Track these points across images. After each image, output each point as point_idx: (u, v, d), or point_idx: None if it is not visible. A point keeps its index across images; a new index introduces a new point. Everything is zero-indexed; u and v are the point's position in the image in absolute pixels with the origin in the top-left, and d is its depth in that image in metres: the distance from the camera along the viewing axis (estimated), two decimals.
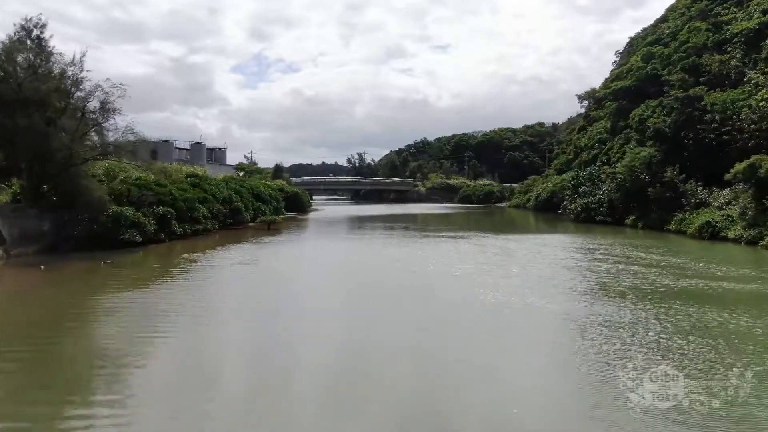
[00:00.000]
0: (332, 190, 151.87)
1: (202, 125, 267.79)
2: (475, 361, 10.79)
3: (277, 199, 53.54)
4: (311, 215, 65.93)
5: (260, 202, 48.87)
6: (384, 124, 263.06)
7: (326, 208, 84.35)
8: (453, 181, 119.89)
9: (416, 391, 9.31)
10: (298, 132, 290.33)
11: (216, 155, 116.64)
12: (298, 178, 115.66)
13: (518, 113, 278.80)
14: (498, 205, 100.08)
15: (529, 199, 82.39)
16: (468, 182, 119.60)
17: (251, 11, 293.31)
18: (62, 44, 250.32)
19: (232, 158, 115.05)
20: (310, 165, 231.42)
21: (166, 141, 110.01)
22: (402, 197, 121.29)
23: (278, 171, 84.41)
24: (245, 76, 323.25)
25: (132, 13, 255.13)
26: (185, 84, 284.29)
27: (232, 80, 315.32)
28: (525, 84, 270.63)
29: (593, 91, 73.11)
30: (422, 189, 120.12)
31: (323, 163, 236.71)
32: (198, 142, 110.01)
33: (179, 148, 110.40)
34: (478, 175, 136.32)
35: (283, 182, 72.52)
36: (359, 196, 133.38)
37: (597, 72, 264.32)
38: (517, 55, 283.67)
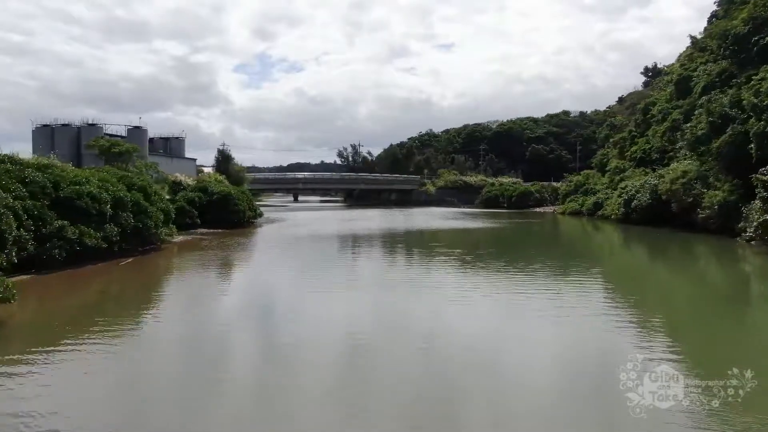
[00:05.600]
0: (322, 191, 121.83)
1: (204, 125, 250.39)
2: None
3: (143, 209, 23.35)
4: (251, 234, 35.91)
5: (68, 220, 19.02)
6: (387, 123, 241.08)
7: (292, 217, 54.19)
8: (471, 179, 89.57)
9: None
10: (300, 132, 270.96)
11: (171, 145, 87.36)
12: (270, 175, 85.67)
13: (522, 113, 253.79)
14: (538, 210, 69.83)
15: (598, 204, 52.28)
16: (489, 180, 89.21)
17: (256, 9, 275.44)
18: (65, 44, 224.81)
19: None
20: (309, 164, 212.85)
21: (93, 124, 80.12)
22: (406, 198, 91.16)
23: (224, 161, 54.40)
24: (248, 76, 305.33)
25: (135, 12, 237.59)
26: (188, 84, 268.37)
27: (234, 80, 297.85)
28: (529, 83, 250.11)
29: (724, 26, 42.78)
30: (431, 189, 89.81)
31: (322, 162, 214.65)
32: (137, 127, 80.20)
33: (112, 135, 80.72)
34: (497, 172, 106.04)
35: (215, 176, 42.48)
36: (353, 197, 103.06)
37: (601, 71, 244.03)
38: (521, 54, 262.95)
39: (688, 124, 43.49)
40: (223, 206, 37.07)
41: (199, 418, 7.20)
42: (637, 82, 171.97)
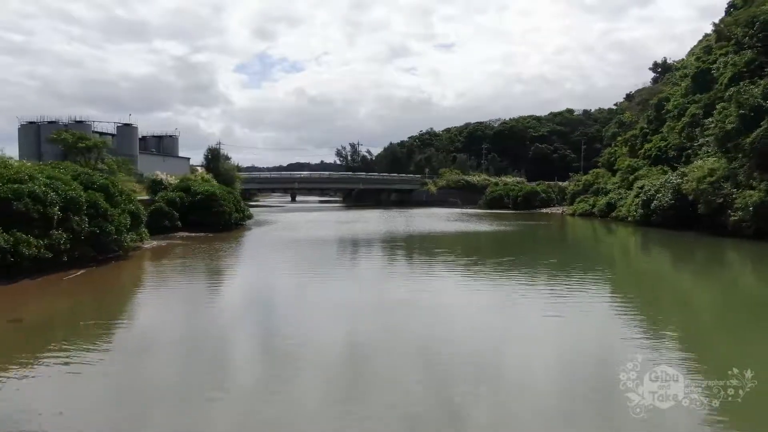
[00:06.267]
0: (320, 190, 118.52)
1: (204, 125, 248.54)
2: None
3: (102, 211, 19.89)
4: (234, 238, 32.68)
5: (2, 225, 15.66)
6: (387, 123, 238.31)
7: (285, 219, 50.75)
8: (473, 179, 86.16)
9: None
10: (300, 132, 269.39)
11: (164, 144, 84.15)
12: (265, 174, 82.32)
13: (523, 113, 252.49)
14: (545, 211, 66.43)
15: (611, 205, 48.98)
16: (493, 180, 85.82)
17: (256, 9, 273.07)
18: (65, 44, 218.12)
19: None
20: (308, 164, 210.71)
21: (81, 122, 76.77)
22: (406, 199, 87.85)
23: (213, 159, 51.00)
24: (248, 76, 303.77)
25: (135, 12, 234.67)
26: (188, 83, 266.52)
27: (235, 80, 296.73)
28: (530, 83, 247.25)
29: (753, 13, 39.35)
30: (433, 188, 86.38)
31: (322, 162, 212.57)
32: (127, 124, 77.13)
33: (99, 132, 77.26)
34: (500, 171, 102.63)
35: (202, 175, 39.19)
36: (351, 197, 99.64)
37: (602, 71, 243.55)
38: (521, 53, 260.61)
39: (710, 119, 40.21)
40: (207, 207, 33.73)
41: None
42: (638, 81, 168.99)
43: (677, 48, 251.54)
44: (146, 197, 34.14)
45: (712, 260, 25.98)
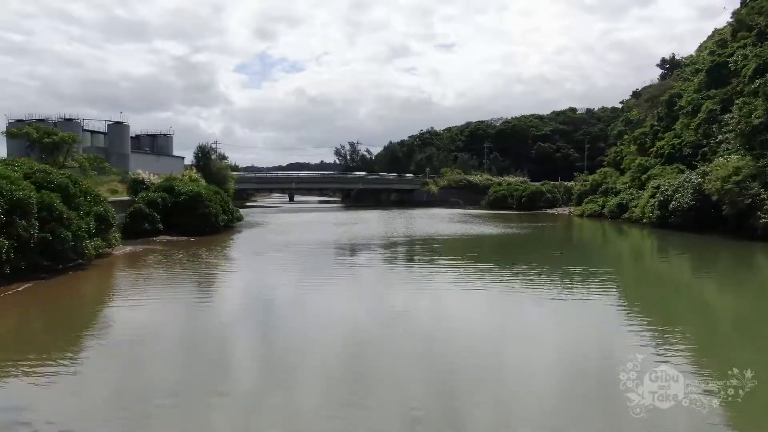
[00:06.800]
0: (318, 190, 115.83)
1: (204, 125, 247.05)
2: None
3: (57, 215, 17.24)
4: (219, 243, 30.15)
5: None
6: (387, 123, 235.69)
7: (279, 221, 48.04)
8: (475, 179, 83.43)
9: None
10: (300, 132, 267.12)
11: (158, 143, 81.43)
12: (261, 174, 79.69)
13: (524, 113, 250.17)
14: (551, 211, 63.68)
15: (623, 206, 46.25)
16: (496, 179, 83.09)
17: (256, 9, 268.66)
18: (65, 44, 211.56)
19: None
20: (308, 164, 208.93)
21: (71, 119, 73.91)
22: (406, 199, 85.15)
23: (203, 158, 48.32)
24: (248, 76, 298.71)
25: (135, 12, 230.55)
26: (188, 83, 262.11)
27: (235, 80, 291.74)
28: (530, 83, 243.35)
29: None
30: (434, 188, 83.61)
31: (321, 162, 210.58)
32: (119, 122, 74.44)
33: (90, 131, 74.50)
34: (502, 171, 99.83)
35: (189, 174, 36.57)
36: (350, 197, 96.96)
37: (602, 71, 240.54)
38: (521, 53, 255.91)
39: (730, 115, 37.59)
40: (192, 209, 31.10)
41: None
42: (638, 81, 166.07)
43: (677, 48, 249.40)
44: (127, 198, 31.61)
45: (739, 264, 23.71)
